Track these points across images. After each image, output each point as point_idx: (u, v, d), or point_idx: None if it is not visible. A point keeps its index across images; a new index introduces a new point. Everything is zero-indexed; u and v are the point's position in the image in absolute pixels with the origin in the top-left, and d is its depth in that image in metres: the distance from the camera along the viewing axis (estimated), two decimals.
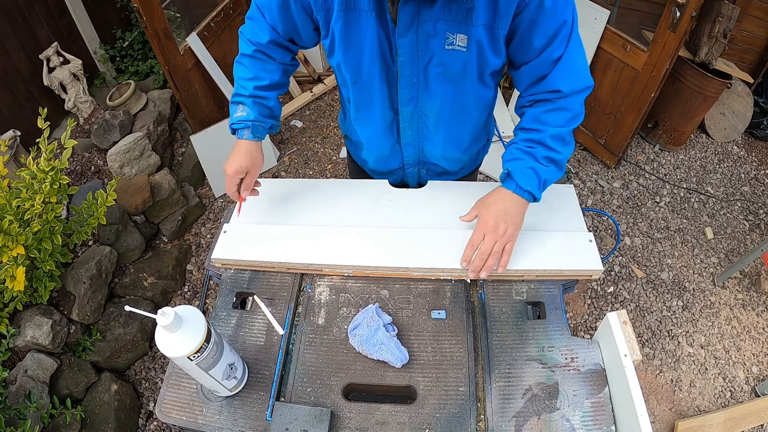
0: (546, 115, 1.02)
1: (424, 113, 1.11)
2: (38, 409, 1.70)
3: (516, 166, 1.03)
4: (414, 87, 1.03)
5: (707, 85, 2.70)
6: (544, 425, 0.88)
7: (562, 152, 1.03)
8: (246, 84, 1.12)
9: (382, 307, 1.04)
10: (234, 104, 1.14)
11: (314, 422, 0.87)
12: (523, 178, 1.02)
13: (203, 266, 2.53)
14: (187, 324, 0.77)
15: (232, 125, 1.13)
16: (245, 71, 1.13)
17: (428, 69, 0.99)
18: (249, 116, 1.11)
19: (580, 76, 1.00)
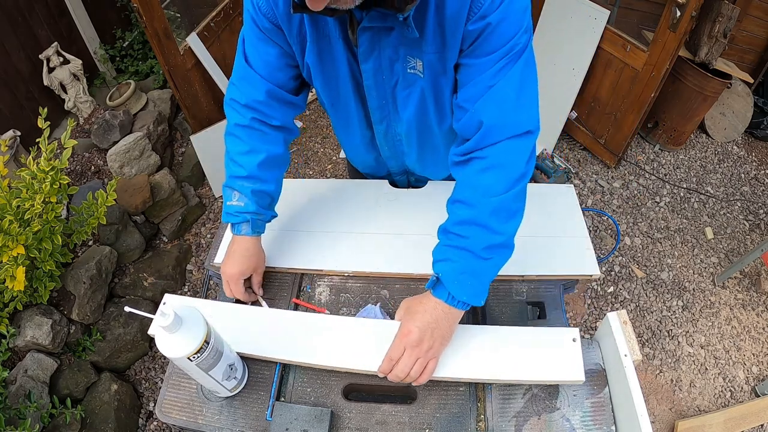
0: (479, 178, 0.84)
1: (397, 133, 1.09)
2: (38, 409, 1.70)
3: (447, 270, 0.84)
4: (384, 108, 1.02)
5: (707, 85, 2.70)
6: (544, 425, 0.88)
7: (506, 231, 0.85)
8: (243, 161, 1.00)
9: (382, 307, 1.04)
10: (228, 189, 1.01)
11: (314, 422, 0.87)
12: (457, 287, 0.83)
13: (203, 266, 2.53)
14: (186, 324, 0.76)
15: (228, 216, 1.01)
16: (240, 144, 1.00)
17: (395, 92, 0.97)
18: (248, 208, 1.00)
19: (512, 114, 0.82)
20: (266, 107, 1.00)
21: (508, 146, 0.83)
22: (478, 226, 0.83)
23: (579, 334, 0.93)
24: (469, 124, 0.86)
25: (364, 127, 1.11)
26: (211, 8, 2.85)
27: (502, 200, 0.83)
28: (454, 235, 0.85)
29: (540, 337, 0.94)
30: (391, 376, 0.87)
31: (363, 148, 1.21)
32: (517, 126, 0.83)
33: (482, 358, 0.92)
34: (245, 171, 1.00)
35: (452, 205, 0.89)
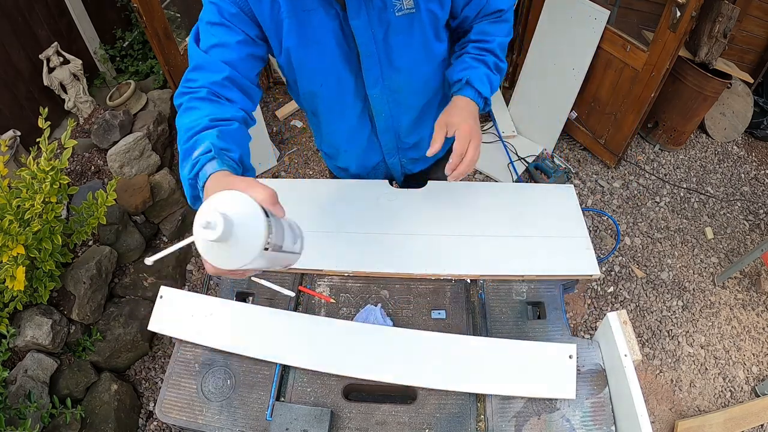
0: (491, 26, 1.08)
1: (393, 89, 1.10)
2: (38, 409, 1.70)
3: (474, 75, 1.05)
4: (377, 65, 1.02)
5: (707, 85, 2.70)
6: (544, 425, 0.89)
7: (505, 62, 1.11)
8: (199, 120, 0.83)
9: (382, 307, 1.04)
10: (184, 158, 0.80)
11: (314, 422, 0.87)
12: (482, 86, 1.05)
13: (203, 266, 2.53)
14: (239, 217, 0.58)
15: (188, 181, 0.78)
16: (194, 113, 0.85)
17: (388, 41, 0.99)
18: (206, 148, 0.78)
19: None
20: (225, 90, 0.89)
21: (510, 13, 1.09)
22: (491, 53, 1.08)
23: (576, 351, 0.94)
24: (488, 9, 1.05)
25: (356, 97, 1.10)
26: None
27: (504, 41, 1.10)
28: (474, 51, 1.08)
29: (537, 351, 0.95)
30: (462, 167, 0.98)
31: (356, 125, 1.18)
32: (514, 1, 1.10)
33: (479, 371, 0.93)
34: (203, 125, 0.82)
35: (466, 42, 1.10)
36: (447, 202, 1.23)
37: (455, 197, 1.24)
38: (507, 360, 0.93)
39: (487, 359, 0.94)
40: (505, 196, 1.25)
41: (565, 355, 0.94)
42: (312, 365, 0.95)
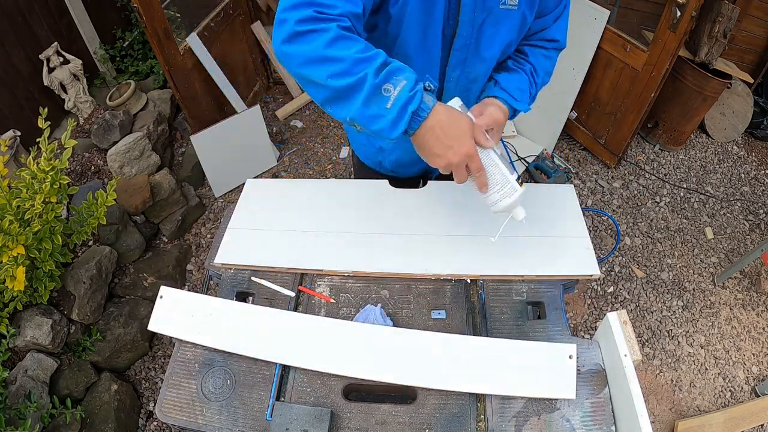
0: (539, 55, 1.12)
1: (470, 78, 1.09)
2: (38, 409, 1.70)
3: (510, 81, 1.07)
4: (464, 49, 1.02)
5: (707, 85, 2.70)
6: (544, 425, 0.88)
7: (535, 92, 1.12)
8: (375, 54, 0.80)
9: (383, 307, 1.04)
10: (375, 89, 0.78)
11: (314, 422, 0.87)
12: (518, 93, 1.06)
13: (203, 266, 2.53)
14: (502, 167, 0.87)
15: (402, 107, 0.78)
16: (355, 43, 0.79)
17: (482, 30, 0.99)
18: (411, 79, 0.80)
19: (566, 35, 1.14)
20: (359, 24, 0.85)
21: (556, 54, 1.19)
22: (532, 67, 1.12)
23: (576, 351, 0.94)
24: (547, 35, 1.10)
25: (436, 77, 1.08)
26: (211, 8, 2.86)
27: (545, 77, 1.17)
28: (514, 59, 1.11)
29: (537, 351, 0.95)
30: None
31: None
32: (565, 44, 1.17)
33: (479, 371, 0.93)
34: (382, 56, 0.80)
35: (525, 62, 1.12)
36: (447, 202, 1.23)
37: (455, 197, 1.24)
38: (507, 360, 0.93)
39: (487, 359, 0.94)
40: None
41: (565, 355, 0.94)
42: (312, 365, 0.95)
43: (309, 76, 0.81)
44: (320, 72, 0.79)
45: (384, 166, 1.37)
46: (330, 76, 0.79)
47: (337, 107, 0.82)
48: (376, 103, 0.78)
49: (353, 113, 0.80)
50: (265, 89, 3.62)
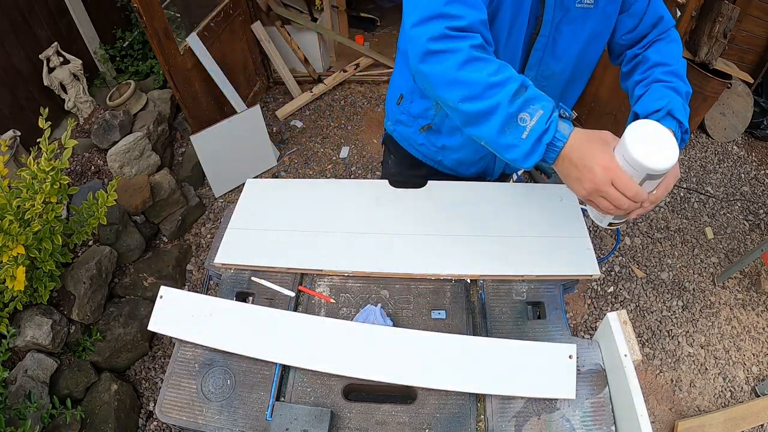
0: (668, 46, 1.02)
1: (545, 76, 1.07)
2: (38, 409, 1.70)
3: (674, 104, 0.92)
4: (542, 48, 1.02)
5: (707, 85, 2.69)
6: (544, 425, 0.88)
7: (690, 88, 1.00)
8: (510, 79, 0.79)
9: (383, 307, 1.04)
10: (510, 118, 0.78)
11: (314, 422, 0.87)
12: (683, 116, 0.92)
13: (203, 266, 2.53)
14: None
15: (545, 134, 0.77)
16: (488, 65, 0.79)
17: (559, 28, 0.99)
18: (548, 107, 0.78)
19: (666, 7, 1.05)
20: (486, 31, 0.84)
21: (675, 32, 1.05)
22: (680, 78, 0.98)
23: (576, 351, 0.93)
24: (651, 18, 1.02)
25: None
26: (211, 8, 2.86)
27: (684, 61, 1.02)
28: (666, 82, 0.97)
29: (537, 351, 0.94)
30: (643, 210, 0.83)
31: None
32: (672, 19, 1.06)
33: (479, 371, 0.93)
34: (517, 80, 0.79)
35: (655, 70, 1.00)
36: (447, 202, 1.23)
37: (455, 197, 1.24)
38: (507, 360, 0.93)
39: (487, 359, 0.93)
40: (505, 196, 1.25)
41: (565, 355, 0.94)
42: (312, 365, 0.95)
43: (443, 98, 0.83)
44: (453, 95, 0.80)
45: (444, 164, 1.35)
46: (461, 100, 0.79)
47: (471, 130, 0.83)
48: (512, 133, 0.78)
49: (486, 139, 0.82)
50: (265, 89, 3.62)
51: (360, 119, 3.42)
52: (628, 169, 0.76)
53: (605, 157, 0.76)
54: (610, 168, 0.76)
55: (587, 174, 0.77)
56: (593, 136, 0.80)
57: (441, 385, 0.92)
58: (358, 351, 0.96)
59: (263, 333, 0.99)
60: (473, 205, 1.21)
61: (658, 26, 1.04)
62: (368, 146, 3.21)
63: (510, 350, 0.94)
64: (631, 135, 0.75)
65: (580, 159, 0.78)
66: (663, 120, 0.91)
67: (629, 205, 0.77)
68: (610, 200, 0.77)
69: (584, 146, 0.78)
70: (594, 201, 0.81)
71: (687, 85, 0.99)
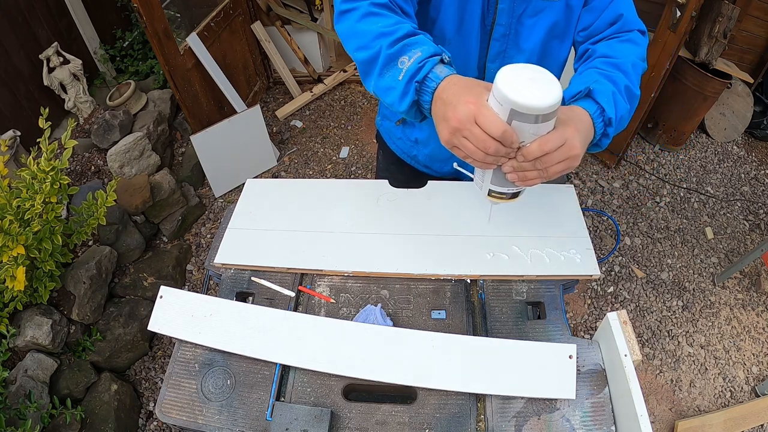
0: (621, 44, 0.94)
1: None
2: (38, 409, 1.70)
3: (598, 87, 0.83)
4: (504, 40, 1.00)
5: (707, 85, 2.70)
6: (544, 425, 0.88)
7: (638, 92, 0.90)
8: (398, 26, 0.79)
9: (383, 307, 1.04)
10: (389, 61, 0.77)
11: (314, 422, 0.87)
12: (606, 102, 0.82)
13: (203, 266, 2.53)
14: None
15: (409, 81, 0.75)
16: (385, 19, 0.81)
17: (521, 20, 0.97)
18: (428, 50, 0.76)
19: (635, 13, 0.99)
20: (404, 2, 0.86)
21: (637, 35, 0.97)
22: (622, 71, 0.89)
23: (576, 351, 0.93)
24: (606, 18, 0.97)
25: (475, 67, 1.06)
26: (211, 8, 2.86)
27: (637, 62, 0.93)
28: (602, 69, 0.90)
29: (537, 351, 0.94)
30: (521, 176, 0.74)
31: None
32: (641, 24, 0.99)
33: (479, 371, 0.92)
34: (406, 29, 0.79)
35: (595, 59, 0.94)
36: (447, 202, 1.23)
37: (455, 197, 1.24)
38: (507, 360, 0.93)
39: (487, 359, 0.93)
40: None
41: (565, 355, 0.93)
42: (312, 365, 0.95)
43: (348, 53, 0.84)
44: (350, 46, 0.83)
45: (419, 160, 1.35)
46: (355, 49, 0.82)
47: (366, 82, 0.84)
48: (391, 75, 0.78)
49: (373, 86, 0.82)
50: (265, 89, 3.62)
51: (360, 119, 3.42)
52: (496, 106, 0.67)
53: (473, 94, 0.69)
54: (475, 103, 0.68)
55: (451, 111, 0.70)
56: (471, 81, 0.73)
57: (441, 385, 0.92)
58: (358, 351, 0.96)
59: (263, 333, 0.99)
60: (473, 205, 1.21)
61: (615, 25, 0.97)
62: (368, 146, 3.21)
63: (510, 350, 0.94)
64: (506, 69, 0.66)
65: (448, 97, 0.72)
66: (581, 101, 0.83)
67: (495, 147, 0.67)
68: (474, 141, 0.68)
69: (457, 86, 0.73)
70: (459, 145, 0.72)
71: (632, 83, 0.89)
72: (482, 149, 0.68)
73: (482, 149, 0.68)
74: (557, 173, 0.73)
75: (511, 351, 0.94)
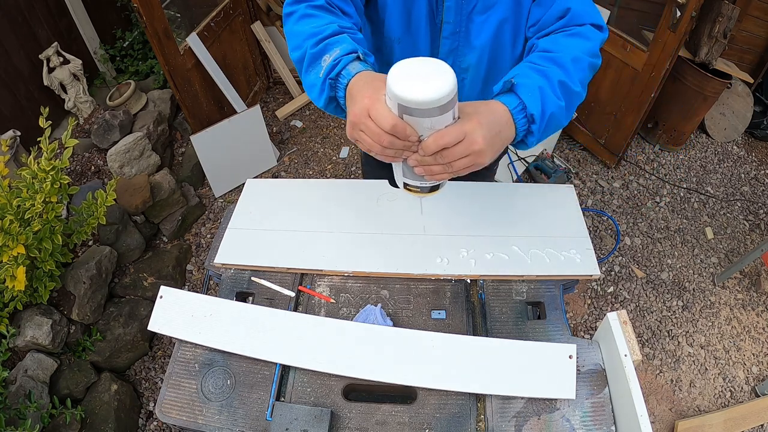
0: (565, 38, 0.88)
1: (463, 68, 1.05)
2: (38, 409, 1.70)
3: (525, 82, 0.78)
4: (456, 37, 1.00)
5: (707, 85, 2.70)
6: (544, 425, 0.88)
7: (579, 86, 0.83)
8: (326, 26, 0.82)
9: (383, 307, 1.04)
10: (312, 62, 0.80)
11: (314, 422, 0.87)
12: (532, 98, 0.76)
13: (203, 266, 2.53)
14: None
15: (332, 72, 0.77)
16: (316, 20, 0.84)
17: (471, 17, 0.97)
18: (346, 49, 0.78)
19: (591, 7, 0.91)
20: (341, 2, 0.89)
21: (590, 29, 0.90)
22: (558, 65, 0.83)
23: (576, 351, 0.93)
24: (554, 12, 0.91)
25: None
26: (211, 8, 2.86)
27: (581, 56, 0.86)
28: (534, 63, 0.83)
29: (537, 351, 0.94)
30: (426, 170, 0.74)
31: None
32: (595, 18, 0.91)
33: (479, 371, 0.92)
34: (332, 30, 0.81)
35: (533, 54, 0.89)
36: (447, 202, 1.23)
37: (455, 197, 1.24)
38: (507, 360, 0.93)
39: (487, 359, 0.93)
40: (505, 196, 1.25)
41: (565, 355, 0.94)
42: (312, 365, 0.95)
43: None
44: (289, 48, 0.86)
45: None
46: (291, 50, 0.86)
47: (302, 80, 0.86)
48: (314, 73, 0.80)
49: (304, 85, 0.84)
50: (265, 89, 3.62)
51: None
52: (389, 100, 0.67)
53: (372, 88, 0.71)
54: (371, 97, 0.70)
55: (351, 106, 0.73)
56: (375, 76, 0.75)
57: (441, 385, 0.92)
58: (358, 351, 0.96)
59: (263, 333, 0.99)
60: (473, 205, 1.21)
61: (563, 19, 0.91)
62: None
63: (510, 350, 0.94)
64: (400, 63, 0.66)
65: (352, 92, 0.75)
66: (502, 96, 0.78)
67: (389, 141, 0.68)
68: (369, 135, 0.70)
69: (362, 81, 0.74)
70: (359, 138, 0.73)
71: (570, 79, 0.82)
72: (378, 143, 0.70)
73: (378, 143, 0.70)
74: (463, 168, 0.72)
75: (511, 351, 0.94)
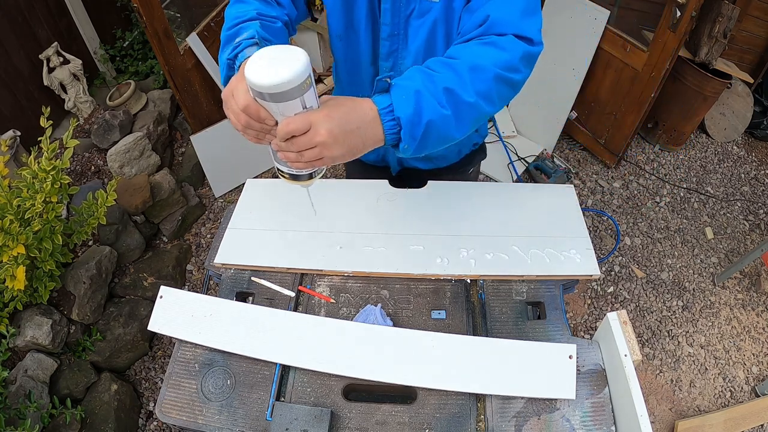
0: (475, 47, 0.80)
1: (400, 71, 1.03)
2: (38, 409, 1.70)
3: (403, 84, 0.74)
4: (395, 39, 1.01)
5: (707, 85, 2.70)
6: (544, 425, 0.88)
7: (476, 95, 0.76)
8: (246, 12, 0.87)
9: (383, 307, 1.04)
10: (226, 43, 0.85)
11: (314, 422, 0.87)
12: (403, 101, 0.72)
13: (203, 266, 2.53)
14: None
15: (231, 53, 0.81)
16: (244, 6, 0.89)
17: (409, 22, 0.97)
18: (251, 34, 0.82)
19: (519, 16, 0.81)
20: None
21: (510, 39, 0.80)
22: (453, 72, 0.76)
23: (576, 351, 0.93)
24: (475, 19, 0.84)
25: (369, 63, 1.08)
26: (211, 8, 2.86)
27: (486, 66, 0.77)
28: (428, 67, 0.78)
29: (537, 351, 0.94)
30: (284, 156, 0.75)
31: (367, 91, 1.12)
32: (522, 28, 0.81)
33: (479, 371, 0.92)
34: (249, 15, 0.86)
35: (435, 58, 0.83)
36: (447, 202, 1.23)
37: (455, 197, 1.24)
38: (507, 360, 0.93)
39: (487, 359, 0.94)
40: (505, 196, 1.25)
41: (565, 355, 0.94)
42: (312, 365, 0.95)
43: None
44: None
45: None
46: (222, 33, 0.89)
47: None
48: (224, 54, 0.85)
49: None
50: None
51: None
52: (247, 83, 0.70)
53: (243, 72, 0.70)
54: (237, 79, 0.72)
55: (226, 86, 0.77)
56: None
57: (441, 385, 0.92)
58: (358, 351, 0.96)
59: (263, 333, 0.99)
60: (473, 205, 1.22)
61: (482, 27, 0.82)
62: None
63: (510, 350, 0.95)
64: (263, 49, 0.68)
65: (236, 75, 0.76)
66: (377, 95, 0.75)
67: (246, 121, 0.71)
68: (231, 112, 0.73)
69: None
70: (228, 117, 0.76)
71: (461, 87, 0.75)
72: (236, 121, 0.74)
73: (236, 121, 0.74)
74: (315, 159, 0.72)
75: (511, 351, 0.94)
